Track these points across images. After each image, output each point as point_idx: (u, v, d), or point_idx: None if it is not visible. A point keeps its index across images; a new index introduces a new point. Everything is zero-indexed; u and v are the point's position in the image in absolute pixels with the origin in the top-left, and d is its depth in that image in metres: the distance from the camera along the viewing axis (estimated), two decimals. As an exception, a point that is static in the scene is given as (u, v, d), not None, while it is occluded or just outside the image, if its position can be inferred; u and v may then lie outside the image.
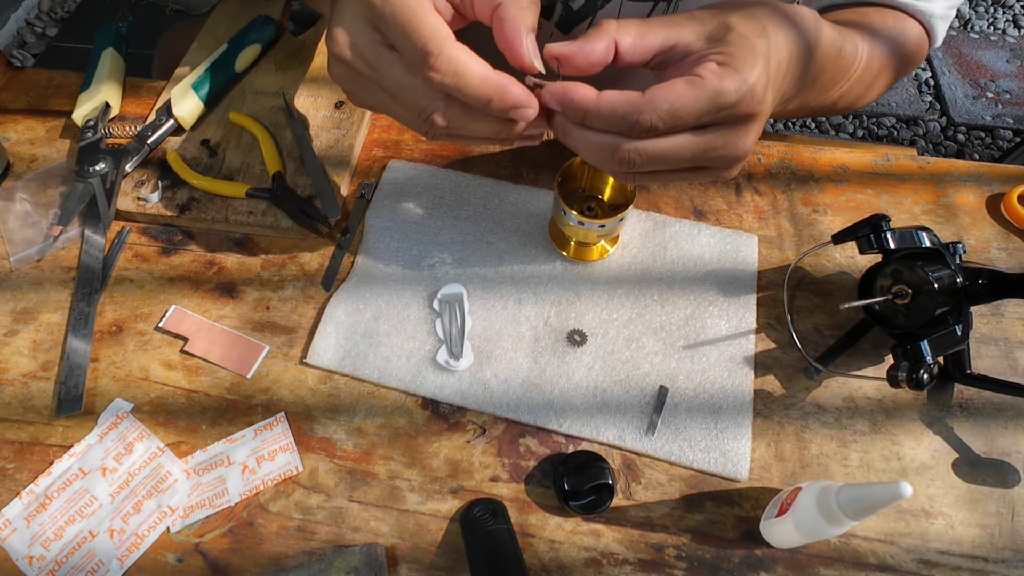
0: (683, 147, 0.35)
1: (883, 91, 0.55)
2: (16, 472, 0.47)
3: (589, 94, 0.35)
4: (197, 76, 0.60)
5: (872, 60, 0.49)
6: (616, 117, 0.34)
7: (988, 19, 1.95)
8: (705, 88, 0.33)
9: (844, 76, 0.47)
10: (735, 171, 0.38)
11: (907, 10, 0.53)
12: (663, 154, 0.35)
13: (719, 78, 0.33)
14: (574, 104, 0.35)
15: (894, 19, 0.53)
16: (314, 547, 0.44)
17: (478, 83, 0.34)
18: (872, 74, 0.51)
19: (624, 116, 0.34)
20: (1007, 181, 0.59)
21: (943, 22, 0.55)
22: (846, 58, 0.45)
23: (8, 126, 0.63)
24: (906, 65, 0.55)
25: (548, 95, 0.36)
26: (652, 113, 0.33)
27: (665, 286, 0.54)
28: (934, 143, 1.69)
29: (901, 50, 0.53)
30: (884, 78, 0.53)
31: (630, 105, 0.34)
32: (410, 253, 0.55)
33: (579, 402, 0.49)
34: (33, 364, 0.51)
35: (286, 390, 0.50)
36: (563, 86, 0.35)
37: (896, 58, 0.53)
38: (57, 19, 1.90)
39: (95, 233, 0.55)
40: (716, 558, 0.44)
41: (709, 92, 0.33)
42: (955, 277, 0.46)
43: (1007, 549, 0.44)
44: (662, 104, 0.33)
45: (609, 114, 0.34)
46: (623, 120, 0.34)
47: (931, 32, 0.55)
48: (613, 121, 0.35)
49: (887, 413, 0.49)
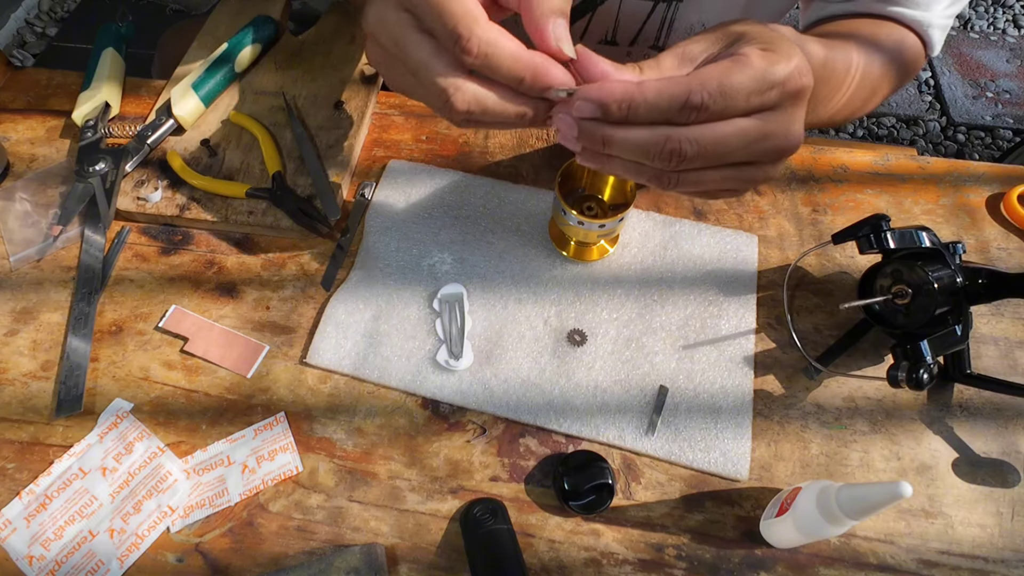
0: (735, 134, 0.33)
1: (882, 101, 0.55)
2: (16, 472, 0.47)
3: (629, 83, 0.32)
4: (197, 76, 0.60)
5: (868, 73, 0.49)
6: (664, 100, 0.31)
7: (988, 19, 1.95)
8: (754, 66, 0.32)
9: (837, 90, 0.47)
10: (781, 167, 0.36)
11: (903, 20, 0.53)
12: (716, 141, 0.33)
13: (765, 60, 0.32)
14: (616, 96, 0.32)
15: (889, 30, 0.52)
16: (314, 547, 0.44)
17: (510, 63, 0.32)
18: (868, 87, 0.51)
19: (673, 97, 0.31)
20: (1007, 181, 0.59)
21: (941, 31, 0.54)
22: (838, 74, 0.45)
23: (8, 126, 0.63)
24: (904, 76, 0.54)
25: (584, 96, 0.33)
26: (703, 89, 0.31)
27: (665, 286, 0.54)
28: (934, 143, 1.69)
29: (897, 61, 0.53)
30: (882, 90, 0.53)
31: (678, 85, 0.31)
32: (410, 253, 0.55)
33: (579, 402, 0.49)
34: (33, 364, 0.51)
35: (286, 390, 0.50)
36: (599, 87, 0.32)
37: (892, 69, 0.52)
38: (57, 19, 1.90)
39: (95, 233, 0.55)
40: (716, 558, 0.44)
41: (758, 70, 0.32)
42: (955, 277, 0.46)
43: (1007, 549, 0.44)
44: (711, 82, 0.31)
45: (656, 98, 0.31)
46: (671, 103, 0.31)
47: (928, 42, 0.54)
48: (661, 106, 0.32)
49: (887, 413, 0.49)
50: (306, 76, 0.64)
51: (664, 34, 0.62)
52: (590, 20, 0.63)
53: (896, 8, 0.52)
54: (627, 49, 0.65)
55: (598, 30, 0.64)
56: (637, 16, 0.61)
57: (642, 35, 0.63)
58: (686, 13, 0.60)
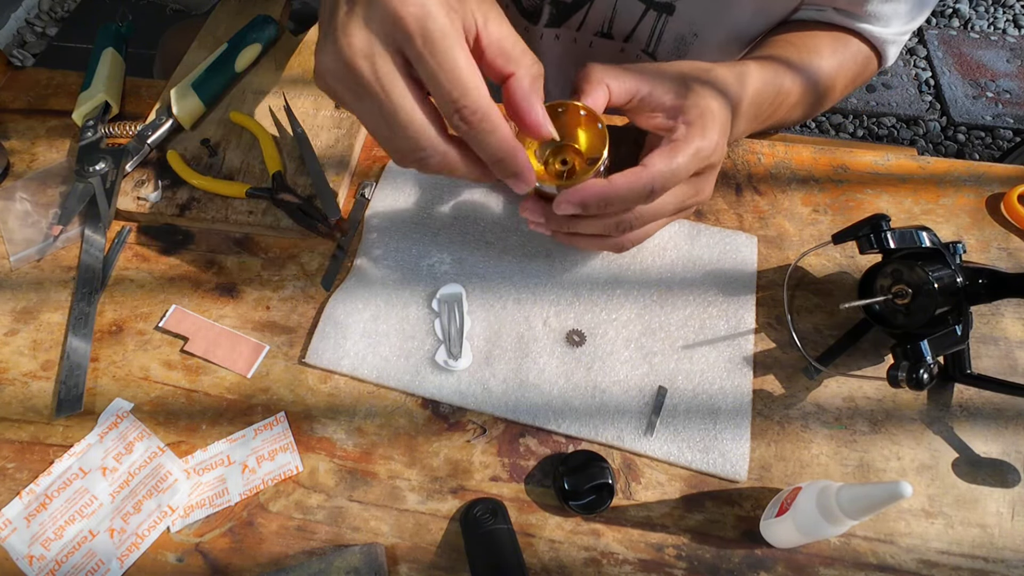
0: (669, 201, 0.43)
1: (834, 103, 0.62)
2: (16, 472, 0.47)
3: (602, 184, 0.40)
4: (197, 76, 0.60)
5: (815, 86, 0.56)
6: (633, 194, 0.40)
7: (988, 19, 1.95)
8: (686, 151, 0.41)
9: (776, 108, 0.53)
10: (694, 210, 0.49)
11: (864, 35, 0.58)
12: (656, 210, 0.43)
13: (694, 140, 0.41)
14: (595, 195, 0.40)
15: (847, 43, 0.58)
16: (314, 547, 0.44)
17: (497, 144, 0.36)
18: (816, 94, 0.57)
19: (639, 191, 0.40)
20: (1007, 181, 0.59)
21: (895, 46, 0.60)
22: (773, 97, 0.52)
23: (8, 126, 0.63)
24: (857, 83, 0.62)
25: (566, 199, 0.40)
26: (659, 180, 0.40)
27: (664, 286, 0.54)
28: (934, 143, 1.69)
29: (854, 72, 0.60)
30: (832, 96, 0.60)
31: (641, 182, 0.40)
32: (409, 253, 0.55)
33: (578, 403, 0.49)
34: (33, 364, 0.51)
35: (286, 390, 0.50)
36: (577, 190, 0.40)
37: (847, 78, 0.59)
38: (57, 19, 1.90)
39: (95, 233, 0.55)
40: (716, 558, 0.44)
41: (689, 152, 0.41)
42: (955, 277, 0.46)
43: (1007, 549, 0.44)
44: (662, 176, 0.40)
45: (627, 193, 0.40)
46: (639, 194, 0.40)
47: (882, 55, 0.61)
48: (630, 199, 0.41)
49: (887, 413, 0.49)
50: (306, 76, 0.64)
51: (654, 41, 0.64)
52: (587, 12, 0.63)
53: (860, 24, 0.58)
54: (621, 45, 0.66)
55: (594, 23, 0.65)
56: (631, 14, 0.62)
57: (635, 36, 0.64)
58: (675, 25, 0.62)
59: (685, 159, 0.41)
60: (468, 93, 0.34)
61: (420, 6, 0.32)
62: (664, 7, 0.60)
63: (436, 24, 0.33)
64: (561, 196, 0.40)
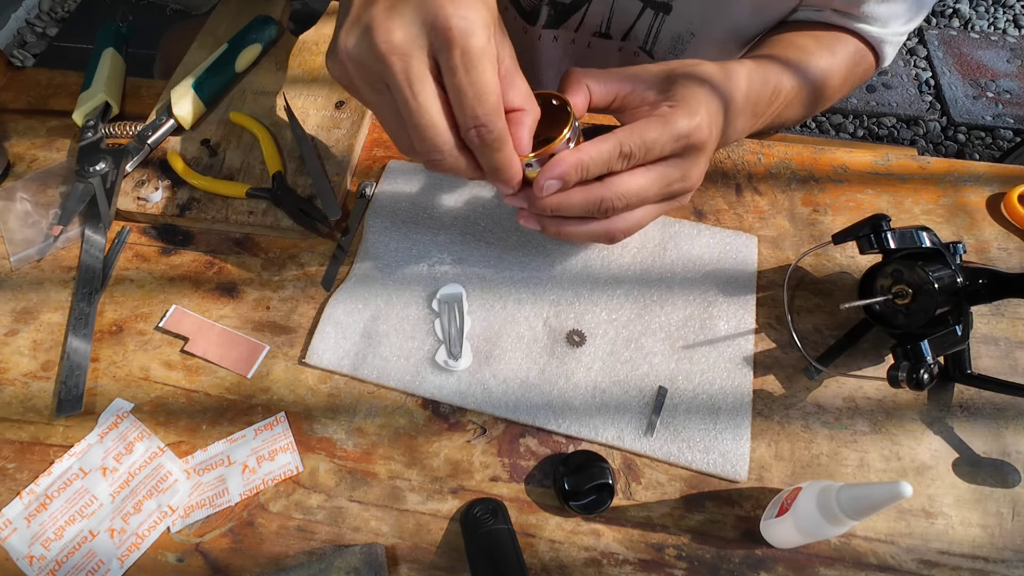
0: (652, 181, 0.43)
1: (832, 104, 0.62)
2: (16, 472, 0.47)
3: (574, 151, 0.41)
4: (197, 76, 0.60)
5: (813, 85, 0.56)
6: (604, 154, 0.41)
7: (988, 19, 1.95)
8: (664, 123, 0.41)
9: (780, 102, 0.53)
10: (688, 199, 0.47)
11: (862, 35, 0.59)
12: (639, 191, 0.43)
13: (673, 116, 0.41)
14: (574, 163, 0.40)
15: (845, 43, 0.58)
16: (314, 547, 0.44)
17: (501, 160, 0.39)
18: (814, 93, 0.56)
19: (611, 148, 0.41)
20: (1007, 181, 0.59)
21: (892, 47, 0.61)
22: (765, 95, 0.51)
23: (8, 126, 0.63)
24: (856, 83, 0.62)
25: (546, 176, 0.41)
26: (629, 141, 0.41)
27: (664, 286, 0.54)
28: (934, 143, 1.69)
29: (852, 72, 0.60)
30: (831, 96, 0.60)
31: (606, 140, 0.41)
32: (409, 253, 0.55)
33: (578, 403, 0.49)
34: (33, 364, 0.51)
35: (286, 390, 0.50)
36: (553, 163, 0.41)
37: (846, 78, 0.59)
38: (57, 19, 1.90)
39: (95, 233, 0.55)
40: (716, 558, 0.44)
41: (668, 126, 0.41)
42: (955, 277, 0.46)
43: (1007, 549, 0.44)
44: (634, 136, 0.41)
45: (598, 155, 0.41)
46: (610, 155, 0.41)
47: (880, 55, 0.61)
48: (603, 159, 0.41)
49: (887, 413, 0.49)
50: (306, 76, 0.64)
51: (651, 40, 0.64)
52: (585, 12, 0.63)
53: (859, 24, 0.58)
54: (619, 44, 0.66)
55: (593, 22, 0.65)
56: (629, 13, 0.62)
57: (632, 34, 0.64)
58: (672, 24, 0.62)
59: (660, 126, 0.41)
60: (490, 113, 0.36)
61: (468, 21, 0.34)
62: (661, 6, 0.60)
63: (478, 42, 0.35)
64: (540, 175, 0.41)
